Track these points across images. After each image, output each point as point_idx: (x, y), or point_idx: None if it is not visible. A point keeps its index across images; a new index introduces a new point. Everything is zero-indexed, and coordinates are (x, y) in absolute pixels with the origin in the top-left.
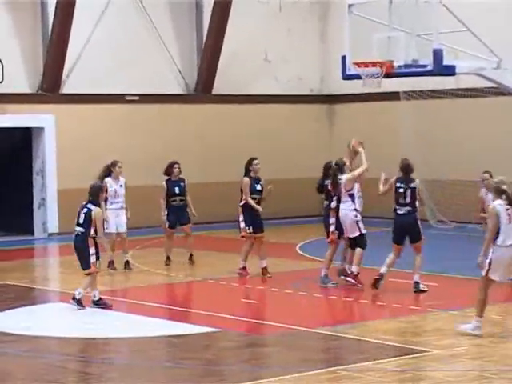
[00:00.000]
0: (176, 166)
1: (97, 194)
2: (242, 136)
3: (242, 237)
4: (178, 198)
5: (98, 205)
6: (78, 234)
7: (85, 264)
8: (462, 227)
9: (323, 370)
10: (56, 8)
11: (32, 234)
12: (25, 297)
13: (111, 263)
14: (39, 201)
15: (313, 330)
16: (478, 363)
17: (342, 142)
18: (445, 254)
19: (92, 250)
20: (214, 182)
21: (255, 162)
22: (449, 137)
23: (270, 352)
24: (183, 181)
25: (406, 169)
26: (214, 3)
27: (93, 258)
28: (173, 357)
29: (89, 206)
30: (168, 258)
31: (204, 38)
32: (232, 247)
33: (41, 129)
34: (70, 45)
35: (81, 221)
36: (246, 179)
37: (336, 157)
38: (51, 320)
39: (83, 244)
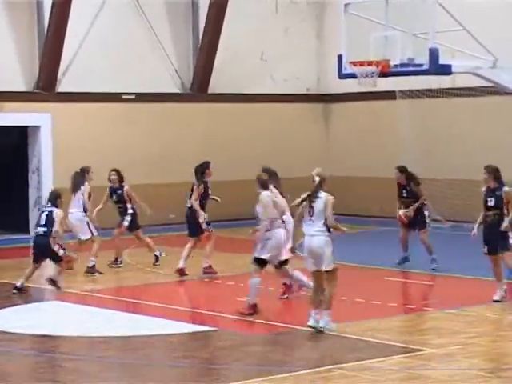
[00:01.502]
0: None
1: (55, 199)
2: (239, 135)
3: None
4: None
5: (57, 207)
6: (40, 234)
7: (55, 258)
8: (458, 226)
9: (318, 369)
10: (52, 7)
11: (28, 232)
12: (22, 295)
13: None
14: (35, 199)
15: (308, 329)
16: (474, 362)
17: (338, 141)
18: (441, 253)
19: (57, 246)
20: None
21: (211, 165)
22: (445, 136)
23: (265, 351)
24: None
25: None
26: (210, 3)
27: (61, 252)
28: (169, 355)
29: (49, 208)
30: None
31: (200, 37)
32: (227, 247)
33: (37, 127)
34: (66, 43)
35: (42, 222)
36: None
37: (333, 156)
38: (48, 318)
39: (47, 242)
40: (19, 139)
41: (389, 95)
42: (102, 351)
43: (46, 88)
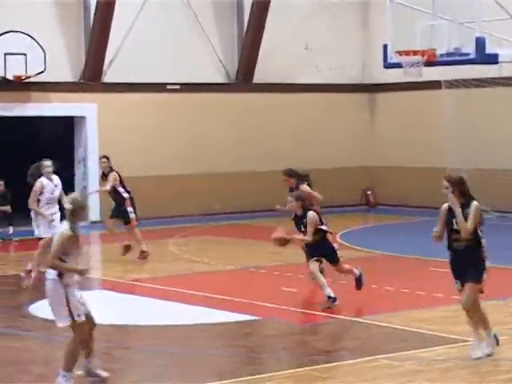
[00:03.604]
0: None
1: None
2: (283, 125)
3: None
4: None
5: None
6: None
7: None
8: (504, 217)
9: (364, 359)
10: None
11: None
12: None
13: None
14: (81, 189)
15: (354, 319)
16: None
17: (383, 131)
18: (487, 244)
19: None
20: (254, 171)
21: (46, 163)
22: (491, 125)
23: (310, 340)
24: None
25: None
26: None
27: None
28: (215, 345)
29: None
30: None
31: (245, 27)
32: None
33: (83, 117)
34: (111, 34)
35: None
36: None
37: (377, 146)
38: (94, 307)
39: None
40: (65, 129)
41: (434, 85)
42: (149, 340)
43: (91, 78)
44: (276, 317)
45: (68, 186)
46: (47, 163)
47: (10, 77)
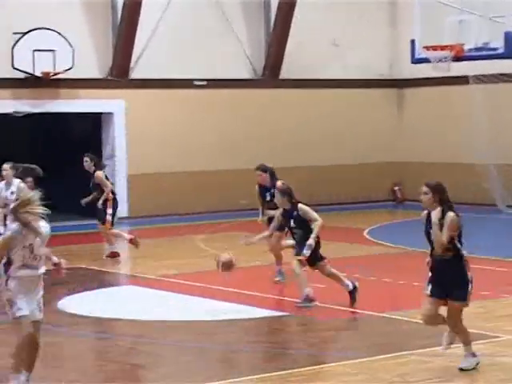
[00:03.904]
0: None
1: None
2: (310, 121)
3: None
4: None
5: None
6: None
7: None
8: None
9: (392, 355)
10: None
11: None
12: (97, 280)
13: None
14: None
15: (381, 315)
16: None
17: (411, 127)
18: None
19: None
20: (281, 167)
21: (4, 166)
22: None
23: (338, 336)
24: None
25: None
26: None
27: None
28: (244, 340)
29: None
30: None
31: (272, 23)
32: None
33: (110, 114)
34: (139, 30)
35: None
36: (101, 173)
37: (406, 141)
38: (123, 302)
39: None
40: (93, 126)
41: (462, 80)
42: (177, 335)
43: (119, 75)
44: (304, 313)
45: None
46: (5, 166)
47: (38, 73)
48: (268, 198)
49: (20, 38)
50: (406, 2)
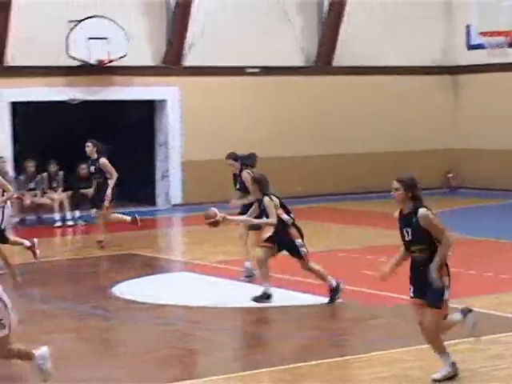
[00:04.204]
0: None
1: None
2: (364, 108)
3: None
4: None
5: None
6: None
7: None
8: None
9: (448, 342)
10: None
11: (154, 204)
12: (150, 266)
13: None
14: (162, 172)
15: None
16: None
17: (466, 114)
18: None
19: None
20: (332, 154)
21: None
22: None
23: (392, 323)
24: None
25: None
26: None
27: None
28: (298, 327)
29: None
30: None
31: (325, 10)
32: (351, 220)
33: (164, 101)
34: (192, 17)
35: None
36: (106, 160)
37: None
38: (177, 288)
39: None
40: (147, 113)
41: None
42: (231, 322)
43: (173, 62)
44: (358, 299)
45: (149, 170)
46: (88, 143)
47: (93, 61)
48: (238, 186)
49: (75, 26)
50: None
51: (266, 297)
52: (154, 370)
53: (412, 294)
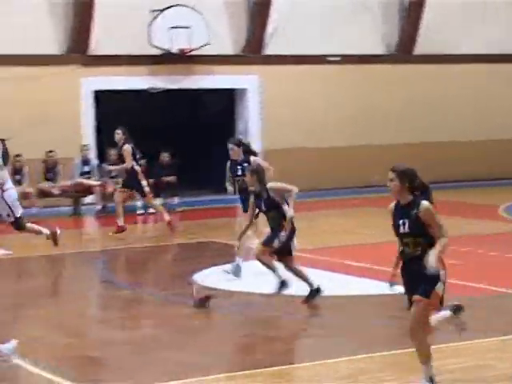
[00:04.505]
0: None
1: None
2: (443, 96)
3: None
4: None
5: None
6: None
7: None
8: None
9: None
10: None
11: (234, 192)
12: (229, 254)
13: None
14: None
15: None
16: None
17: None
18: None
19: None
20: (410, 142)
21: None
22: None
23: (475, 315)
24: None
25: None
26: None
27: None
28: (377, 315)
29: None
30: None
31: None
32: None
33: (244, 90)
34: (273, 6)
35: None
36: (129, 147)
37: None
38: (256, 276)
39: None
40: (227, 101)
41: None
42: (311, 309)
43: (253, 51)
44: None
45: (228, 158)
46: (118, 131)
47: (174, 50)
48: (239, 173)
49: (157, 15)
50: None
51: (281, 286)
52: (237, 356)
53: (404, 291)
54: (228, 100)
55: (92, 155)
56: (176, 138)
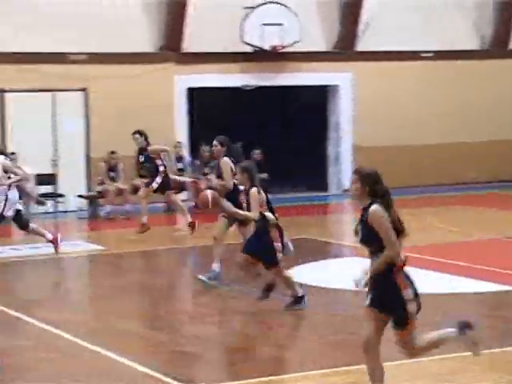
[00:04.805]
0: None
1: None
2: None
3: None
4: None
5: None
6: None
7: None
8: None
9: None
10: None
11: (326, 190)
12: (323, 251)
13: None
14: (334, 158)
15: None
16: None
17: None
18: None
19: None
20: (500, 139)
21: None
22: None
23: None
24: None
25: None
26: None
27: None
28: (473, 314)
29: None
30: None
31: None
32: None
33: (336, 86)
34: (365, 1)
35: None
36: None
37: None
38: (348, 274)
39: None
40: (319, 98)
41: None
42: None
43: (345, 47)
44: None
45: (321, 155)
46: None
47: (267, 47)
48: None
49: (250, 13)
50: None
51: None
52: (330, 353)
53: (368, 302)
54: (320, 97)
55: (185, 152)
56: (268, 135)
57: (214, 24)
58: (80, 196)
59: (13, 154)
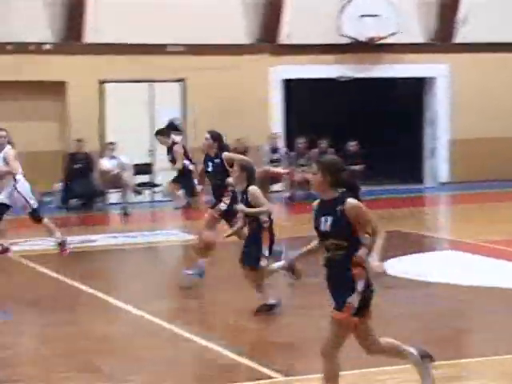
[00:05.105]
0: None
1: None
2: None
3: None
4: None
5: None
6: None
7: None
8: None
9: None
10: None
11: (421, 182)
12: (416, 244)
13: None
14: (430, 150)
15: None
16: None
17: None
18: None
19: None
20: None
21: None
22: None
23: None
24: None
25: None
26: None
27: None
28: None
29: None
30: None
31: None
32: None
33: (433, 78)
34: None
35: None
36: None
37: None
38: (445, 267)
39: None
40: (416, 90)
41: None
42: (500, 302)
43: (443, 39)
44: None
45: (417, 147)
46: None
47: (363, 39)
48: (210, 169)
49: (346, 5)
50: None
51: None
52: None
53: (335, 306)
54: (416, 89)
55: (281, 143)
56: (363, 126)
57: (310, 15)
58: None
59: (112, 143)
